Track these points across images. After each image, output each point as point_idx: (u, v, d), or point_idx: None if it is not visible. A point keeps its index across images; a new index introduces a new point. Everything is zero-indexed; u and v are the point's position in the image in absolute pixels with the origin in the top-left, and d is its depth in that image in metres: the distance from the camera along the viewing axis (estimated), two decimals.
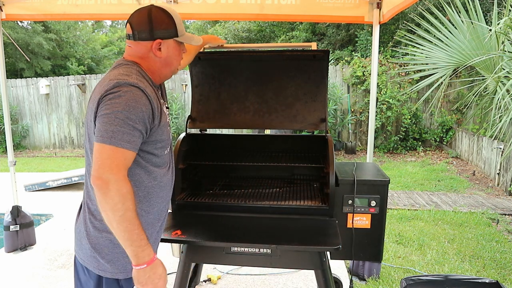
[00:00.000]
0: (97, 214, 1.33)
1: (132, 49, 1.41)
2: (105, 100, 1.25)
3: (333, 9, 3.25)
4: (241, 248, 1.80)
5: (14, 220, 3.61)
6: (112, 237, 1.29)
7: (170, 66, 1.46)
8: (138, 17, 1.39)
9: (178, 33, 1.42)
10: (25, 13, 3.46)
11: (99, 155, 1.21)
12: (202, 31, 15.98)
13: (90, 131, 1.33)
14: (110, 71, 1.38)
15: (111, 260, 1.35)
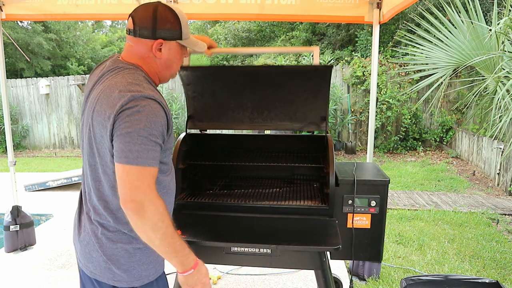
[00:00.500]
0: (109, 226, 1.30)
1: (132, 48, 1.33)
2: (122, 117, 1.17)
3: (333, 9, 3.25)
4: (241, 248, 1.80)
5: (14, 220, 3.61)
6: (128, 247, 1.29)
7: (169, 69, 1.39)
8: (142, 12, 1.30)
9: (183, 36, 1.34)
10: (25, 13, 3.46)
11: (127, 177, 1.16)
12: (202, 31, 15.99)
13: (100, 146, 1.25)
14: (113, 77, 1.28)
15: (127, 269, 1.31)
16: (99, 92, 1.26)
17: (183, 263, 1.26)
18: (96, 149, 1.27)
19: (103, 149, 1.24)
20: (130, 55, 1.34)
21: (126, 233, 1.30)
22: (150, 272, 1.35)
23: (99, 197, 1.31)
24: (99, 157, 1.27)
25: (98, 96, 1.25)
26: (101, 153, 1.26)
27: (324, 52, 10.67)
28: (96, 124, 1.24)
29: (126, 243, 1.29)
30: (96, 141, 1.26)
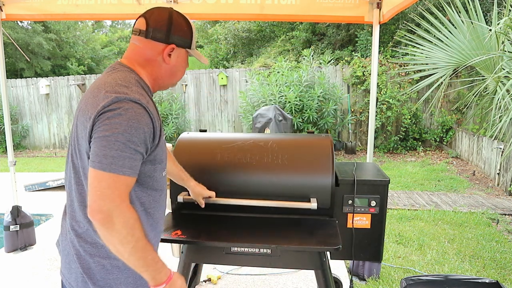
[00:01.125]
0: (87, 237, 1.21)
1: (139, 49, 1.27)
2: (102, 119, 1.10)
3: (333, 9, 3.25)
4: (241, 248, 1.80)
5: (14, 220, 3.61)
6: (105, 262, 1.21)
7: (173, 76, 1.34)
8: (158, 15, 1.27)
9: (192, 45, 1.33)
10: (25, 13, 3.46)
11: (98, 184, 1.07)
12: (202, 31, 15.99)
13: (81, 147, 1.18)
14: (104, 76, 1.23)
15: (103, 286, 1.22)
16: (89, 91, 1.21)
17: (154, 278, 1.19)
18: (78, 151, 1.20)
19: (83, 151, 1.17)
20: (133, 56, 1.28)
21: (104, 246, 1.18)
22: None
23: (80, 202, 1.22)
24: (81, 159, 1.20)
25: (85, 96, 1.21)
26: (82, 156, 1.18)
27: (324, 52, 10.68)
28: (79, 124, 1.18)
29: (104, 257, 1.21)
30: (78, 143, 1.19)
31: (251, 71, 9.21)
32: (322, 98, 7.91)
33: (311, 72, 8.28)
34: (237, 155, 1.98)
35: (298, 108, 7.84)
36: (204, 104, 9.92)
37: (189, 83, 9.88)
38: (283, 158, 1.94)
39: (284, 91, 7.81)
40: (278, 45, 12.32)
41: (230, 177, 1.95)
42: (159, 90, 1.41)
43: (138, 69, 1.26)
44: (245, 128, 8.92)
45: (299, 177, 1.89)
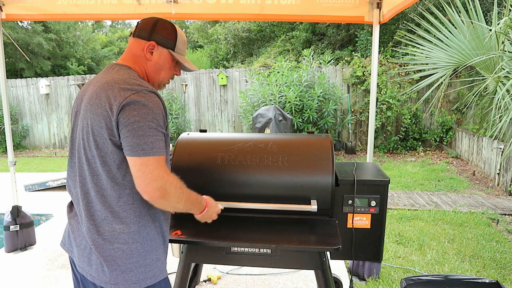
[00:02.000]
0: (105, 224, 1.32)
1: (130, 47, 1.45)
2: (128, 111, 1.23)
3: (333, 9, 3.25)
4: (241, 248, 1.80)
5: (14, 220, 3.62)
6: (124, 247, 1.32)
7: (158, 73, 1.46)
8: (147, 20, 1.45)
9: (176, 48, 1.46)
10: (25, 13, 3.46)
11: (146, 169, 1.23)
12: (202, 31, 15.99)
13: (99, 138, 1.28)
14: (108, 74, 1.35)
15: (124, 271, 1.32)
16: (96, 88, 1.32)
17: (199, 208, 1.51)
18: (94, 141, 1.29)
19: (102, 140, 1.28)
20: (127, 55, 1.44)
21: (122, 233, 1.32)
22: (148, 275, 1.35)
23: (96, 191, 1.32)
24: (98, 149, 1.29)
25: (95, 91, 1.31)
26: (99, 145, 1.29)
27: (324, 52, 10.68)
28: (95, 117, 1.28)
29: (123, 243, 1.32)
30: (94, 134, 1.28)
31: (251, 71, 9.21)
32: (322, 98, 7.91)
33: (311, 72, 8.28)
34: (237, 156, 1.98)
35: (298, 108, 7.84)
36: (204, 104, 9.92)
37: (189, 83, 9.88)
38: (283, 158, 1.94)
39: (284, 91, 7.81)
40: (278, 45, 12.32)
41: (230, 178, 1.95)
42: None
43: (132, 66, 1.41)
44: (245, 128, 8.92)
45: (299, 177, 1.89)
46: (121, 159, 1.29)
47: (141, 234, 1.34)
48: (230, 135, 2.18)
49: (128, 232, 1.32)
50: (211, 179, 1.97)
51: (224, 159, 1.98)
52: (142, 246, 1.34)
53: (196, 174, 1.99)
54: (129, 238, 1.32)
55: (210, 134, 2.22)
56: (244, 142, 2.05)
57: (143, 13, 3.35)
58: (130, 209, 1.32)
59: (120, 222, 1.31)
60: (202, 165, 2.00)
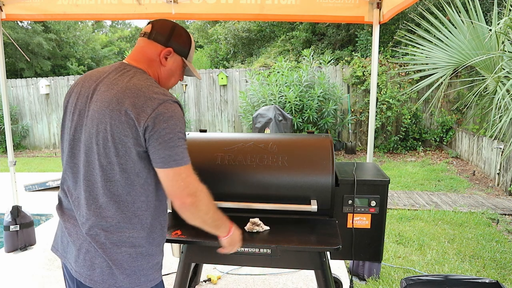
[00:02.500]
0: (115, 230, 1.32)
1: (143, 49, 1.41)
2: (158, 122, 1.23)
3: (333, 9, 3.25)
4: (241, 248, 1.80)
5: (14, 220, 3.62)
6: (131, 251, 1.34)
7: (169, 79, 1.47)
8: (163, 22, 1.44)
9: (188, 57, 1.48)
10: (25, 13, 3.46)
11: (179, 177, 1.28)
12: (202, 31, 15.99)
13: (121, 146, 1.26)
14: (123, 77, 1.31)
15: (130, 274, 1.34)
16: (115, 92, 1.27)
17: (225, 230, 1.49)
18: (114, 148, 1.26)
19: (125, 149, 1.26)
20: (139, 56, 1.41)
21: (130, 237, 1.33)
22: (149, 278, 1.38)
23: (109, 197, 1.30)
24: (118, 156, 1.27)
25: (116, 96, 1.27)
26: (120, 152, 1.27)
27: (324, 52, 10.68)
28: (117, 124, 1.24)
29: (130, 247, 1.33)
30: (115, 141, 1.26)
31: (251, 71, 9.21)
32: (322, 98, 7.91)
33: (311, 72, 8.28)
34: (237, 156, 1.98)
35: (298, 108, 7.84)
36: (204, 104, 9.92)
37: (189, 83, 9.88)
38: (283, 158, 1.94)
39: (284, 91, 7.81)
40: (278, 45, 12.32)
41: (230, 178, 1.95)
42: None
43: (146, 70, 1.39)
44: (245, 128, 8.92)
45: (299, 178, 1.89)
46: (142, 167, 1.30)
47: (148, 240, 1.37)
48: (230, 135, 2.18)
49: (137, 237, 1.34)
50: (211, 179, 1.97)
51: (224, 159, 1.98)
52: (147, 251, 1.37)
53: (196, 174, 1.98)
54: (136, 242, 1.34)
55: (210, 134, 2.22)
56: (244, 142, 2.05)
57: (143, 13, 3.35)
58: (142, 215, 1.34)
59: (131, 228, 1.32)
60: (202, 165, 2.00)
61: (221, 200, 1.94)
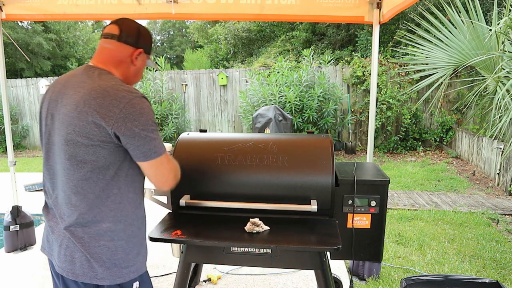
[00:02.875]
0: (93, 224, 1.37)
1: (112, 52, 1.44)
2: (129, 121, 1.29)
3: (333, 9, 3.25)
4: (241, 248, 1.80)
5: (14, 220, 3.61)
6: (110, 244, 1.38)
7: (137, 76, 1.55)
8: (128, 23, 1.48)
9: (151, 53, 1.58)
10: (25, 13, 3.46)
11: (161, 166, 1.40)
12: (202, 31, 15.99)
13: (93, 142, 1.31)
14: (89, 79, 1.36)
15: (110, 266, 1.39)
16: (82, 95, 1.32)
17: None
18: (85, 147, 1.32)
19: (94, 147, 1.32)
20: (107, 58, 1.44)
21: (108, 231, 1.38)
22: (131, 270, 1.43)
23: (84, 195, 1.35)
24: (88, 154, 1.33)
25: (83, 99, 1.31)
26: (90, 151, 1.32)
27: (324, 52, 10.68)
28: (85, 125, 1.30)
29: (108, 240, 1.38)
30: (84, 141, 1.31)
31: (251, 71, 9.21)
32: (322, 98, 7.91)
33: (311, 72, 8.28)
34: (237, 156, 1.98)
35: (298, 108, 7.84)
36: (204, 104, 9.92)
37: (189, 83, 9.88)
38: (283, 158, 1.94)
39: (284, 91, 7.81)
40: (278, 45, 12.32)
41: (230, 178, 1.95)
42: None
43: (112, 70, 1.44)
44: (245, 128, 8.92)
45: (299, 178, 1.89)
46: (111, 162, 1.35)
47: (126, 232, 1.41)
48: (230, 135, 2.18)
49: (114, 230, 1.38)
50: (211, 179, 1.97)
51: (224, 159, 1.98)
52: (126, 243, 1.41)
53: (196, 174, 1.99)
54: (114, 236, 1.38)
55: (210, 134, 2.22)
56: (244, 142, 2.05)
57: (143, 13, 3.35)
58: (117, 209, 1.38)
59: (107, 221, 1.37)
60: (202, 165, 2.00)
61: (221, 200, 1.94)
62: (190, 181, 1.99)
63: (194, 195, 1.99)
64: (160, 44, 29.20)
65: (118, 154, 1.35)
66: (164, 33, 29.56)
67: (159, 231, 1.79)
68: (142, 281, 1.49)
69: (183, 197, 1.96)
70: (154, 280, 3.06)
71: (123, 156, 1.37)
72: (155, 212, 4.36)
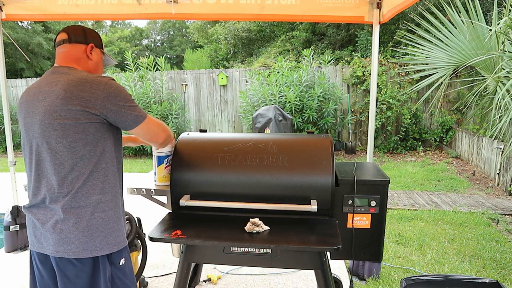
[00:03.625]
0: (86, 198, 1.52)
1: (68, 52, 1.63)
2: (113, 99, 1.50)
3: (333, 9, 3.25)
4: (241, 248, 1.80)
5: (14, 220, 3.62)
6: (103, 215, 1.55)
7: (98, 70, 1.73)
8: (73, 27, 1.68)
9: (102, 47, 1.75)
10: (25, 13, 3.46)
11: (150, 125, 1.63)
12: (202, 31, 15.98)
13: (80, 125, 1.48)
14: (61, 75, 1.53)
15: (106, 236, 1.56)
16: (61, 87, 1.49)
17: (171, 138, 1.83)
18: (74, 128, 1.48)
19: (83, 126, 1.49)
20: (66, 59, 1.63)
21: (100, 202, 1.54)
22: (120, 239, 1.62)
23: (77, 176, 1.51)
24: (77, 133, 1.49)
25: (64, 90, 1.48)
26: (79, 130, 1.48)
27: (324, 52, 10.68)
28: (74, 110, 1.46)
29: (101, 211, 1.55)
30: (75, 119, 1.47)
31: (251, 71, 9.21)
32: (322, 98, 7.91)
33: (311, 72, 8.28)
34: (237, 156, 1.98)
35: (298, 108, 7.84)
36: (204, 104, 9.92)
37: (189, 83, 9.88)
38: (283, 159, 1.94)
39: (284, 91, 7.81)
40: (278, 45, 12.32)
41: (230, 178, 1.95)
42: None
43: (76, 67, 1.62)
44: (245, 128, 8.92)
45: (299, 178, 1.89)
46: (99, 138, 1.53)
47: (113, 202, 1.59)
48: (230, 135, 2.18)
49: (105, 201, 1.56)
50: (211, 179, 1.97)
51: (224, 159, 1.98)
52: (115, 213, 1.60)
53: (196, 174, 1.99)
54: (105, 207, 1.56)
55: (210, 134, 2.22)
56: (244, 142, 2.05)
57: (143, 13, 3.35)
58: (105, 181, 1.56)
59: (98, 193, 1.54)
60: (202, 165, 2.00)
61: (221, 200, 1.94)
62: (190, 181, 1.99)
63: (194, 195, 1.99)
64: (160, 44, 29.19)
65: (103, 130, 1.54)
66: (164, 33, 29.55)
67: (159, 231, 1.79)
68: (126, 257, 1.67)
69: (183, 197, 1.96)
70: (154, 280, 3.06)
71: (107, 133, 1.56)
72: (155, 212, 4.37)
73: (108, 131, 1.56)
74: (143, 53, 24.93)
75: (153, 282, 3.04)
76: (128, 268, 1.67)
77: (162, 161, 2.09)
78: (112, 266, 1.60)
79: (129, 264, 1.69)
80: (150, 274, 3.15)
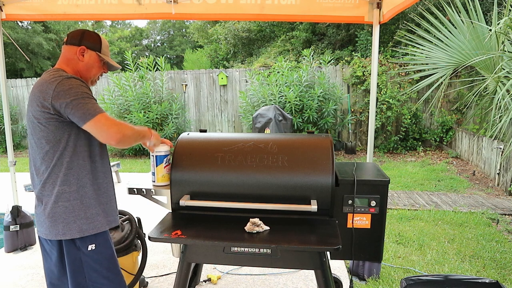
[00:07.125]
0: (52, 187, 1.69)
1: (63, 54, 1.79)
2: (63, 96, 1.59)
3: (333, 9, 3.25)
4: (241, 248, 1.80)
5: (14, 220, 3.62)
6: (67, 204, 1.70)
7: (89, 71, 1.81)
8: (75, 31, 1.82)
9: (101, 51, 1.83)
10: (25, 13, 3.46)
11: (101, 124, 1.61)
12: (202, 31, 15.98)
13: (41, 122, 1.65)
14: (41, 78, 1.70)
15: (68, 223, 1.70)
16: (33, 88, 1.69)
17: (148, 133, 1.89)
18: (39, 125, 1.65)
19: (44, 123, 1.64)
20: (60, 60, 1.79)
21: (64, 193, 1.69)
22: (89, 226, 1.73)
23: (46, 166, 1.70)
24: (41, 129, 1.66)
25: (33, 92, 1.68)
26: (43, 125, 1.65)
27: (324, 52, 10.67)
28: (36, 108, 1.64)
29: (65, 201, 1.70)
30: (38, 120, 1.64)
31: (251, 71, 9.21)
32: (322, 98, 7.91)
33: (311, 72, 8.28)
34: (237, 156, 1.98)
35: (298, 108, 7.84)
36: (204, 104, 9.92)
37: (189, 83, 9.87)
38: (283, 159, 1.94)
39: (284, 91, 7.81)
40: (278, 45, 12.32)
41: (230, 178, 1.95)
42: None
43: (64, 67, 1.76)
44: (245, 128, 8.92)
45: (299, 178, 1.89)
46: (60, 135, 1.66)
47: (79, 193, 1.71)
48: (230, 135, 2.18)
49: (69, 192, 1.70)
50: (211, 179, 1.97)
51: (224, 159, 1.98)
52: (81, 203, 1.72)
53: (196, 174, 1.99)
54: (70, 197, 1.70)
55: (210, 134, 2.22)
56: (244, 142, 2.05)
57: (143, 13, 3.35)
58: (69, 173, 1.69)
59: (62, 184, 1.69)
60: (202, 165, 2.00)
61: (221, 200, 1.94)
62: (190, 181, 1.99)
63: (194, 195, 1.99)
64: (160, 44, 29.18)
65: (63, 128, 1.65)
66: (164, 33, 29.54)
67: (159, 231, 1.79)
68: (99, 244, 1.76)
69: (183, 197, 1.96)
70: (154, 280, 3.06)
71: (68, 130, 1.66)
72: (155, 212, 4.37)
73: (71, 127, 1.67)
74: (143, 53, 24.93)
75: (153, 282, 3.04)
76: (100, 255, 1.77)
77: (161, 160, 2.09)
78: (79, 251, 1.73)
79: (104, 250, 1.78)
80: (150, 274, 3.15)
